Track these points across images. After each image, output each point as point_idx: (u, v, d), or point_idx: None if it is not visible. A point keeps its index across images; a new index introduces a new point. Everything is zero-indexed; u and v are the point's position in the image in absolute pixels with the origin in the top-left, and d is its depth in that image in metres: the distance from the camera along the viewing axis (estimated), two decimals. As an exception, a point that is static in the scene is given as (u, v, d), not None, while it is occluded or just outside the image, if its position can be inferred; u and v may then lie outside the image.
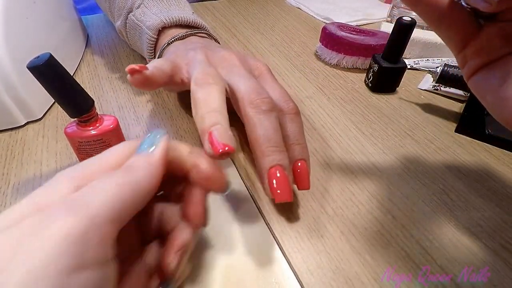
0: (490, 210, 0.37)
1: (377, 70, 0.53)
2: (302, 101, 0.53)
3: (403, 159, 0.43)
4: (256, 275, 0.30)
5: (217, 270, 0.30)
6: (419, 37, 0.62)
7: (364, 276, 0.30)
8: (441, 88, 0.55)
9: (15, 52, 0.43)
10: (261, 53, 0.66)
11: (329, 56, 0.62)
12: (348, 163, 0.42)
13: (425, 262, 0.32)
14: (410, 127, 0.48)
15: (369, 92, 0.56)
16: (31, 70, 0.29)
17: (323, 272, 0.31)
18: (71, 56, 0.59)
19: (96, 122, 0.36)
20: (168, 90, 0.53)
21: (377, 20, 0.81)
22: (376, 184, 0.39)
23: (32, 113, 0.46)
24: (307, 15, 0.84)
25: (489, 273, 0.31)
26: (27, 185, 0.38)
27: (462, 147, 0.45)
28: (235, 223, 0.34)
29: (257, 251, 0.32)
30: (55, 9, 0.57)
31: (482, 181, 0.40)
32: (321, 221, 0.35)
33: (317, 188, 0.38)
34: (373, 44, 0.57)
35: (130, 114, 0.49)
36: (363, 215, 0.36)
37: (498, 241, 0.34)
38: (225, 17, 0.81)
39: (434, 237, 0.34)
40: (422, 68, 0.55)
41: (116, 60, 0.61)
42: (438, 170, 0.41)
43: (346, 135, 0.46)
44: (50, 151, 0.42)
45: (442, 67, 0.48)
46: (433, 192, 0.39)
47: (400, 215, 0.36)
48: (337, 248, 0.33)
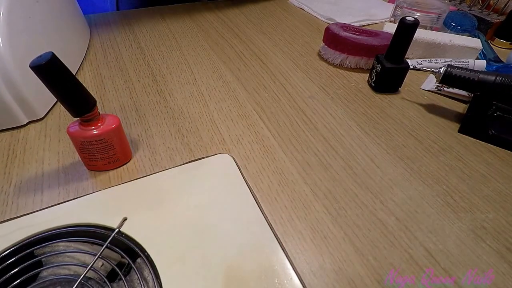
0: (495, 211, 0.37)
1: (380, 70, 0.53)
2: (304, 101, 0.52)
3: (407, 160, 0.42)
4: (258, 276, 0.30)
5: (219, 270, 0.30)
6: (422, 37, 0.62)
7: (367, 278, 0.30)
8: (444, 88, 0.55)
9: (17, 51, 0.43)
10: (264, 53, 0.66)
11: (332, 56, 0.62)
12: (351, 164, 0.42)
13: (428, 264, 0.31)
14: (413, 127, 0.48)
15: (372, 92, 0.55)
16: (34, 69, 0.29)
17: (326, 273, 0.30)
18: (73, 55, 0.59)
19: (98, 122, 0.36)
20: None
21: (380, 20, 0.81)
22: (379, 185, 0.39)
23: (34, 112, 0.46)
24: (310, 15, 0.84)
25: (493, 275, 0.31)
26: (29, 185, 0.38)
27: (466, 148, 0.45)
28: (237, 224, 0.34)
29: (259, 251, 0.32)
30: (57, 9, 0.57)
31: (486, 182, 0.40)
32: (324, 222, 0.35)
33: (320, 188, 0.38)
34: (376, 45, 0.57)
35: (132, 114, 0.48)
36: (366, 216, 0.35)
37: (502, 243, 0.33)
38: (228, 17, 0.81)
39: (437, 239, 0.34)
40: (425, 68, 0.55)
41: (119, 60, 0.61)
42: (442, 171, 0.41)
43: (349, 135, 0.46)
44: (52, 151, 0.42)
45: (445, 68, 0.47)
46: (436, 193, 0.38)
47: (404, 217, 0.36)
48: (340, 249, 0.32)
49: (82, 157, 0.39)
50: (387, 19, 0.80)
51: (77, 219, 0.34)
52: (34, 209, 0.35)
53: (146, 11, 0.82)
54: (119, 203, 0.36)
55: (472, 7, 0.81)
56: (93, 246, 0.32)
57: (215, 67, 0.60)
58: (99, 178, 0.39)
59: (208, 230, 0.33)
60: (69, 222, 0.33)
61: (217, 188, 0.37)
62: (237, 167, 0.40)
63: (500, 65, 0.60)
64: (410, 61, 0.59)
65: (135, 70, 0.58)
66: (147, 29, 0.73)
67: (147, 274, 0.30)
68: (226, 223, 0.34)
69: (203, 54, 0.64)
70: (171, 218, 0.34)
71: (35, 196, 0.36)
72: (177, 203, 0.36)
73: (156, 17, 0.79)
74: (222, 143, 0.44)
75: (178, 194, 0.37)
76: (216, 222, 0.34)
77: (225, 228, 0.34)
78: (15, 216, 0.34)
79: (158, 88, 0.54)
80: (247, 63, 0.62)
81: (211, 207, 0.35)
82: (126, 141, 0.40)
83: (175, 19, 0.78)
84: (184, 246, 0.32)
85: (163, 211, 0.35)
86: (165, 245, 0.32)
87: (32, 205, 0.36)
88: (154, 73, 0.58)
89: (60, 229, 0.33)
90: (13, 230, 0.32)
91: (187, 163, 0.41)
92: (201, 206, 0.36)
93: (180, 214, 0.35)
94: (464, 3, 0.84)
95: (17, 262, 0.29)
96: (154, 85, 0.55)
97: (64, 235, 0.32)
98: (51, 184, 0.38)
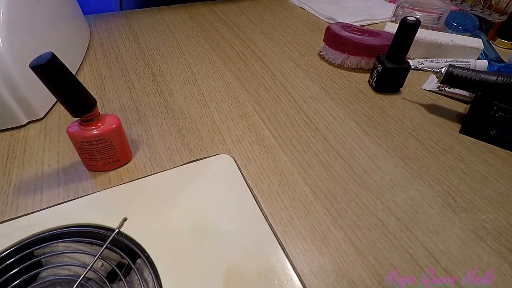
0: (496, 212, 0.36)
1: (381, 71, 0.53)
2: (305, 101, 0.52)
3: (407, 160, 0.42)
4: (258, 277, 0.30)
5: (219, 271, 0.30)
6: (423, 37, 0.62)
7: (367, 278, 0.30)
8: (445, 88, 0.55)
9: (17, 51, 0.43)
10: (264, 53, 0.66)
11: (333, 56, 0.62)
12: (351, 164, 0.41)
13: (429, 265, 0.31)
14: (414, 127, 0.48)
15: (373, 93, 0.55)
16: (33, 69, 0.29)
17: (326, 274, 0.30)
18: (73, 55, 0.59)
19: (98, 122, 0.36)
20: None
21: (381, 20, 0.81)
22: (379, 185, 0.39)
23: (34, 112, 0.46)
24: (310, 15, 0.83)
25: (494, 275, 0.31)
26: (28, 185, 0.38)
27: (467, 148, 0.45)
28: (237, 224, 0.34)
29: (259, 252, 0.32)
30: (57, 9, 0.57)
31: (487, 182, 0.40)
32: (325, 223, 0.35)
33: (321, 189, 0.38)
34: (377, 44, 0.57)
35: (132, 114, 0.48)
36: (367, 217, 0.35)
37: (503, 244, 0.33)
38: (229, 17, 0.81)
39: (438, 239, 0.33)
40: (426, 68, 0.55)
41: (119, 60, 0.61)
42: (443, 171, 0.41)
43: (349, 135, 0.46)
44: (52, 151, 0.42)
45: (446, 68, 0.47)
46: (437, 194, 0.38)
47: (404, 217, 0.35)
48: (341, 250, 0.32)
49: (82, 158, 0.39)
50: (388, 19, 0.80)
51: (77, 219, 0.34)
52: (34, 210, 0.35)
53: (146, 11, 0.82)
54: (119, 204, 0.36)
55: (473, 7, 0.81)
56: (93, 246, 0.32)
57: (216, 67, 0.60)
58: (99, 179, 0.39)
59: (208, 231, 0.33)
60: (69, 223, 0.33)
61: (217, 189, 0.37)
62: (238, 168, 0.40)
63: (501, 65, 0.60)
64: (411, 61, 0.58)
65: (135, 71, 0.58)
66: (147, 29, 0.73)
67: (147, 275, 0.30)
68: (226, 223, 0.34)
69: (204, 54, 0.64)
70: (172, 218, 0.34)
71: (35, 197, 0.36)
72: (177, 204, 0.36)
73: (156, 17, 0.79)
74: (222, 144, 0.44)
75: (179, 194, 0.37)
76: (216, 223, 0.34)
77: (226, 228, 0.34)
78: (15, 217, 0.34)
79: (158, 89, 0.54)
80: (247, 63, 0.62)
81: (212, 208, 0.35)
82: (126, 141, 0.40)
83: (175, 19, 0.78)
84: (185, 246, 0.32)
85: (163, 211, 0.35)
86: (165, 246, 0.32)
87: (32, 205, 0.36)
88: (154, 73, 0.58)
89: (60, 229, 0.33)
90: (13, 231, 0.32)
91: (188, 163, 0.41)
92: (201, 207, 0.35)
93: (180, 215, 0.35)
94: (466, 3, 0.84)
95: (16, 263, 0.29)
96: (154, 85, 0.55)
97: (64, 236, 0.32)
98: (51, 185, 0.38)
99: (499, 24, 0.73)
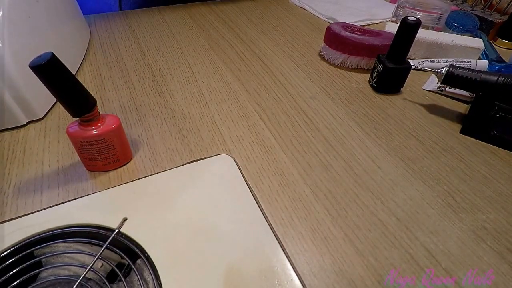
0: (496, 212, 0.36)
1: (381, 71, 0.53)
2: (305, 101, 0.52)
3: (407, 160, 0.42)
4: (258, 277, 0.30)
5: (219, 271, 0.30)
6: (424, 37, 0.62)
7: (367, 279, 0.30)
8: (446, 89, 0.55)
9: (17, 51, 0.43)
10: (265, 53, 0.66)
11: (333, 56, 0.61)
12: (351, 164, 0.41)
13: (429, 265, 0.31)
14: (414, 128, 0.48)
15: (374, 93, 0.55)
16: (33, 69, 0.29)
17: (326, 274, 0.30)
18: (73, 55, 0.59)
19: (98, 122, 0.36)
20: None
21: (381, 20, 0.81)
22: (380, 185, 0.39)
23: (34, 112, 0.46)
24: (311, 15, 0.83)
25: (494, 276, 0.31)
26: (28, 185, 0.38)
27: (467, 149, 0.44)
28: (237, 224, 0.34)
29: (259, 252, 0.32)
30: (57, 9, 0.57)
31: (487, 183, 0.40)
32: (325, 223, 0.35)
33: (321, 189, 0.38)
34: (378, 45, 0.57)
35: (132, 114, 0.48)
36: (367, 217, 0.35)
37: (503, 244, 0.33)
38: (229, 17, 0.81)
39: (438, 240, 0.33)
40: (427, 68, 0.55)
41: (119, 60, 0.61)
42: (443, 172, 0.41)
43: (350, 135, 0.46)
44: (51, 151, 0.42)
45: (447, 68, 0.47)
46: (437, 194, 0.38)
47: (405, 217, 0.35)
48: (341, 250, 0.32)
49: (81, 158, 0.38)
50: (388, 19, 0.80)
51: (77, 219, 0.34)
52: (34, 210, 0.35)
53: (146, 11, 0.82)
54: (119, 204, 0.36)
55: (474, 7, 0.81)
56: (93, 246, 0.32)
57: (216, 68, 0.60)
58: (99, 179, 0.39)
59: (208, 231, 0.33)
60: (69, 223, 0.33)
61: (217, 189, 0.37)
62: (238, 168, 0.40)
63: (502, 65, 0.59)
64: (412, 61, 0.58)
65: (135, 71, 0.58)
66: (147, 29, 0.73)
67: (147, 275, 0.30)
68: (226, 224, 0.34)
69: (204, 55, 0.64)
70: (172, 218, 0.34)
71: (35, 197, 0.36)
72: (177, 204, 0.36)
73: (156, 17, 0.79)
74: (222, 144, 0.44)
75: (179, 194, 0.37)
76: (216, 223, 0.34)
77: (226, 229, 0.34)
78: (14, 217, 0.34)
79: (158, 89, 0.54)
80: (247, 64, 0.62)
81: (212, 208, 0.35)
82: (126, 141, 0.40)
83: (176, 19, 0.78)
84: (185, 247, 0.32)
85: (163, 211, 0.35)
86: (165, 246, 0.32)
87: (31, 205, 0.36)
88: (154, 74, 0.58)
89: (59, 229, 0.33)
90: (13, 231, 0.32)
91: (188, 163, 0.41)
92: (201, 207, 0.35)
93: (180, 215, 0.35)
94: (466, 3, 0.84)
95: (16, 263, 0.29)
96: (154, 86, 0.55)
97: (63, 236, 0.32)
98: (51, 185, 0.38)
99: (500, 24, 0.73)
